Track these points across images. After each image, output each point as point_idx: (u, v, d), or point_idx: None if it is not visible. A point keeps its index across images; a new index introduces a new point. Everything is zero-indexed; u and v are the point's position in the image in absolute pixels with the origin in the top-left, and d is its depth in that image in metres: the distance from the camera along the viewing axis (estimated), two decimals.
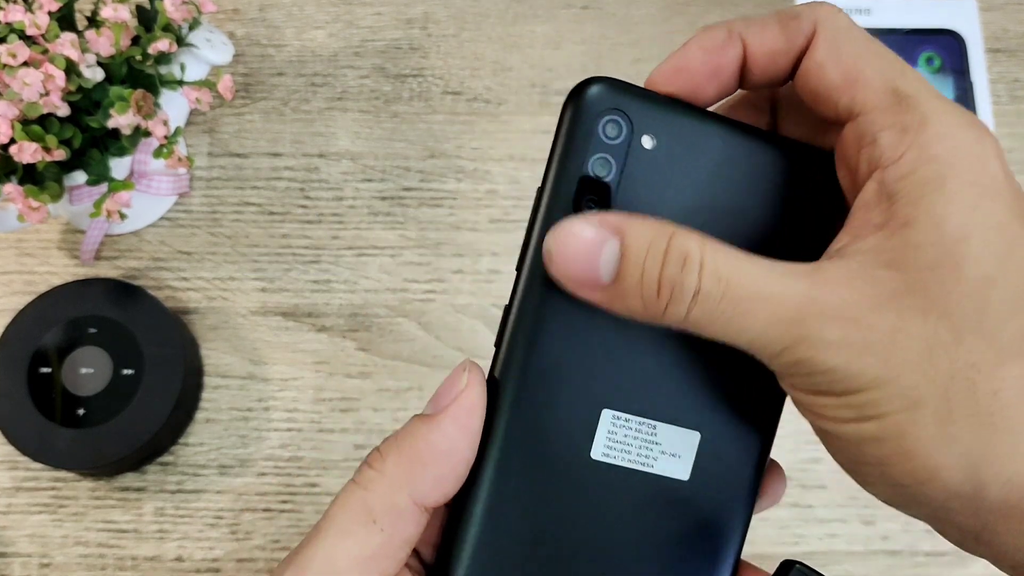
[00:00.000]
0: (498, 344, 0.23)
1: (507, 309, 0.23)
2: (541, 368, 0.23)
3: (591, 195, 0.23)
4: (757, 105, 0.27)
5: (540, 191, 0.23)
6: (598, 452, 0.23)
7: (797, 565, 0.22)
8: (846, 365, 0.20)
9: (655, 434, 0.24)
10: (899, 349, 0.20)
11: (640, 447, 0.23)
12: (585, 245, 0.21)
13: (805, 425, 0.23)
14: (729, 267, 0.21)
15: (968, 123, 0.21)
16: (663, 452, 0.24)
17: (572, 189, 0.23)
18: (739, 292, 0.20)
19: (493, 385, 0.23)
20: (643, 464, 0.23)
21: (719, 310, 0.20)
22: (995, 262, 0.20)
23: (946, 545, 0.25)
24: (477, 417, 0.23)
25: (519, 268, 0.23)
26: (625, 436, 0.23)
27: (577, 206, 0.23)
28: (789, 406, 0.24)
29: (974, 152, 0.21)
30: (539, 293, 0.23)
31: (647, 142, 0.23)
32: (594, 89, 0.23)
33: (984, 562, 0.22)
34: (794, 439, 0.53)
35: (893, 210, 0.21)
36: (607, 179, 0.23)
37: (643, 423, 0.23)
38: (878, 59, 0.22)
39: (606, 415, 0.23)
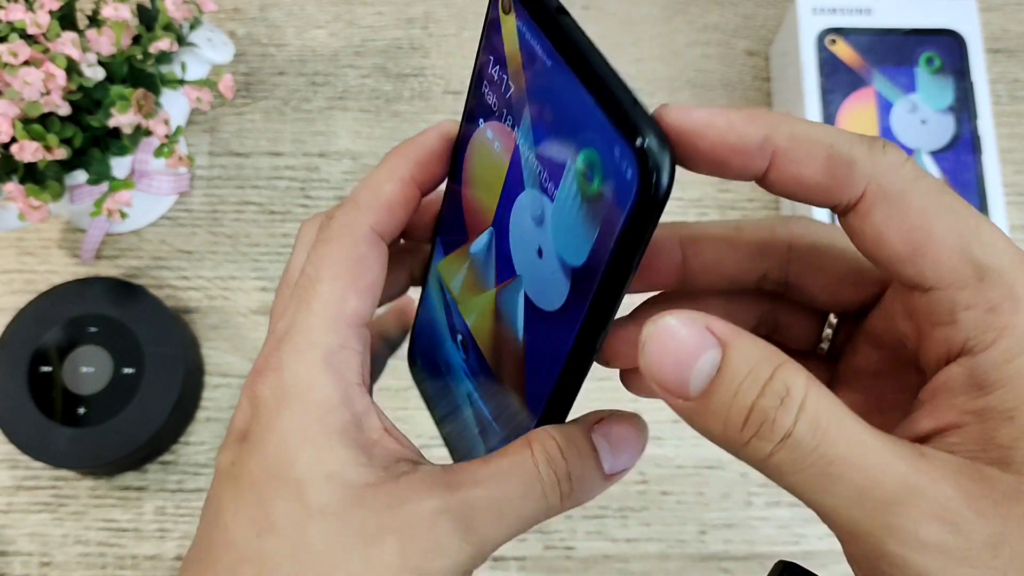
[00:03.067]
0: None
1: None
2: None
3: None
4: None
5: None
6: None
7: (790, 565, 0.22)
8: (939, 571, 0.18)
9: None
10: (1001, 562, 0.18)
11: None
12: (684, 348, 0.18)
13: None
14: (831, 419, 0.18)
15: None
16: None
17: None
18: (835, 451, 0.18)
19: None
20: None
21: (807, 463, 0.18)
22: None
23: None
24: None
25: None
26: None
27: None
28: None
29: None
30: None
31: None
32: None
33: None
34: None
35: (990, 400, 0.19)
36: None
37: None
38: (949, 223, 0.19)
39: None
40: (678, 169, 0.18)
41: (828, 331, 0.25)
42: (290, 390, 0.22)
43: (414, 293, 0.30)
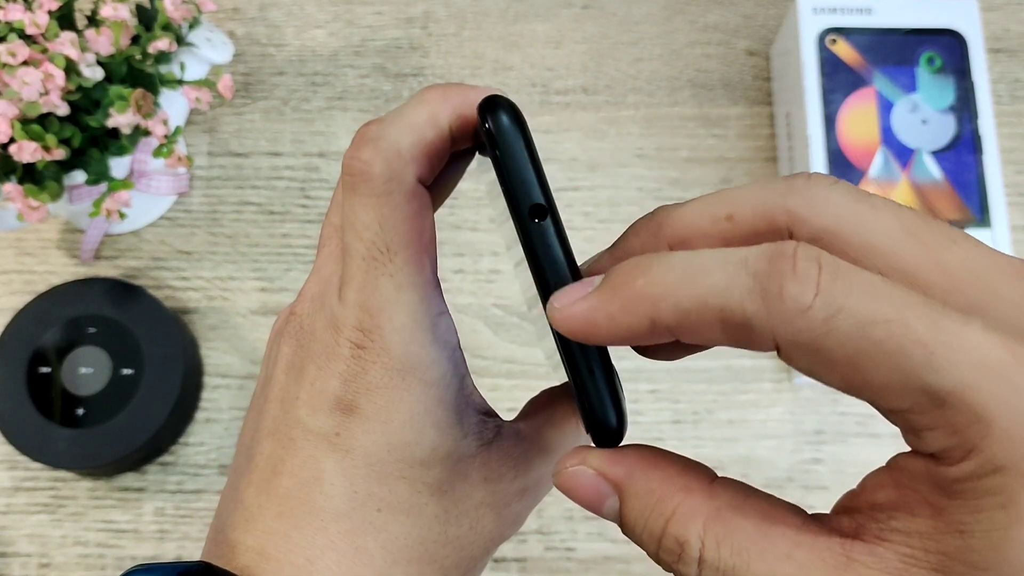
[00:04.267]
0: None
1: None
2: None
3: None
4: None
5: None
6: None
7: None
8: None
9: None
10: None
11: None
12: (588, 489, 0.20)
13: (805, 426, 0.23)
14: (740, 555, 0.18)
15: None
16: None
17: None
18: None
19: None
20: None
21: None
22: None
23: None
24: None
25: None
26: None
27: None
28: (805, 416, 0.24)
29: None
30: None
31: None
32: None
33: None
34: (794, 440, 0.53)
35: (946, 505, 0.17)
36: None
37: None
38: (885, 363, 0.16)
39: None
40: (683, 168, 0.18)
41: None
42: (405, 368, 0.22)
43: None
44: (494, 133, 0.21)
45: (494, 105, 0.21)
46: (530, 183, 0.21)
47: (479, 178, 0.25)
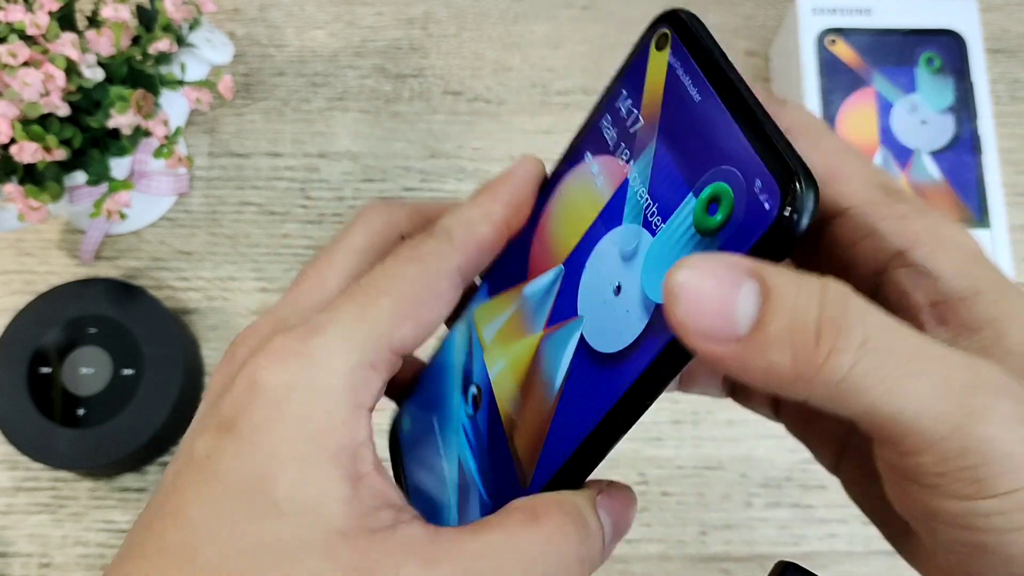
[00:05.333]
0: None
1: None
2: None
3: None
4: None
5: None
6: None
7: (791, 566, 0.22)
8: None
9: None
10: None
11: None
12: (718, 285, 0.17)
13: None
14: (889, 322, 0.17)
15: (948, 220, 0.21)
16: None
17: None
18: (908, 348, 0.17)
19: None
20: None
21: (888, 367, 0.16)
22: None
23: None
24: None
25: None
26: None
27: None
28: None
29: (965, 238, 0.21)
30: None
31: None
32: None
33: None
34: (793, 439, 0.53)
35: (970, 308, 0.20)
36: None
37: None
38: (857, 158, 0.21)
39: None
40: None
41: None
42: (300, 388, 0.20)
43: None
44: None
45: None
46: None
47: None
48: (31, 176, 0.47)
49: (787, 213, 0.17)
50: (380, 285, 0.22)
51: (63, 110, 0.45)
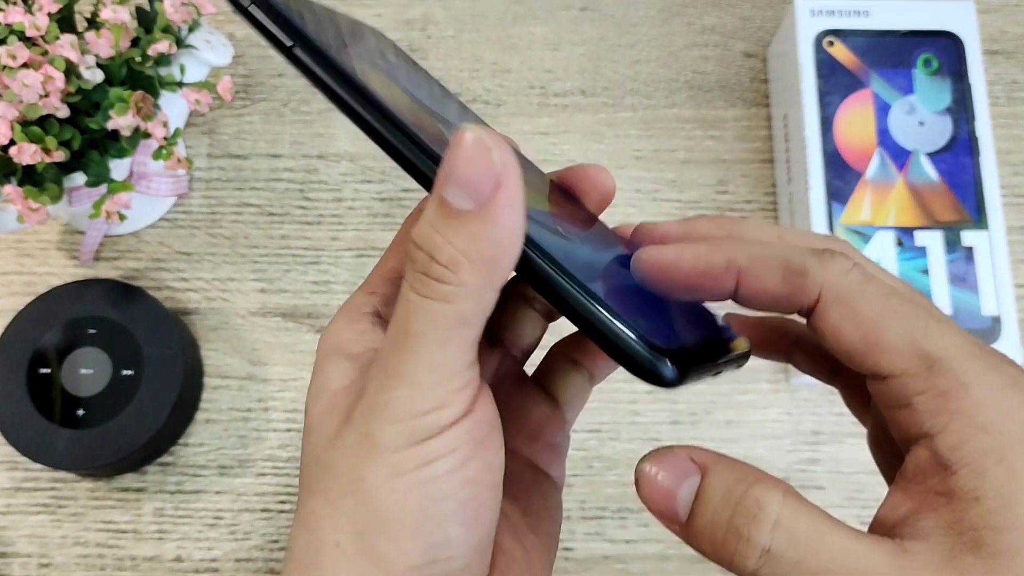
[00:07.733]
0: None
1: None
2: None
3: None
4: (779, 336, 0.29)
5: None
6: None
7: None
8: None
9: None
10: None
11: None
12: (668, 477, 0.21)
13: (803, 426, 0.23)
14: (811, 531, 0.19)
15: (1010, 382, 0.20)
16: None
17: None
18: (818, 562, 0.19)
19: None
20: None
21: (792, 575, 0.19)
22: None
23: None
24: (522, 201, 0.20)
25: None
26: None
27: None
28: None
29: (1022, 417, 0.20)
30: None
31: None
32: None
33: None
34: (792, 439, 0.53)
35: (956, 481, 0.20)
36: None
37: None
38: (899, 319, 0.21)
39: None
40: (680, 170, 0.19)
41: None
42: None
43: None
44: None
45: None
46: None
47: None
48: (30, 178, 0.47)
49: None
50: (420, 333, 0.23)
51: (62, 112, 0.45)
